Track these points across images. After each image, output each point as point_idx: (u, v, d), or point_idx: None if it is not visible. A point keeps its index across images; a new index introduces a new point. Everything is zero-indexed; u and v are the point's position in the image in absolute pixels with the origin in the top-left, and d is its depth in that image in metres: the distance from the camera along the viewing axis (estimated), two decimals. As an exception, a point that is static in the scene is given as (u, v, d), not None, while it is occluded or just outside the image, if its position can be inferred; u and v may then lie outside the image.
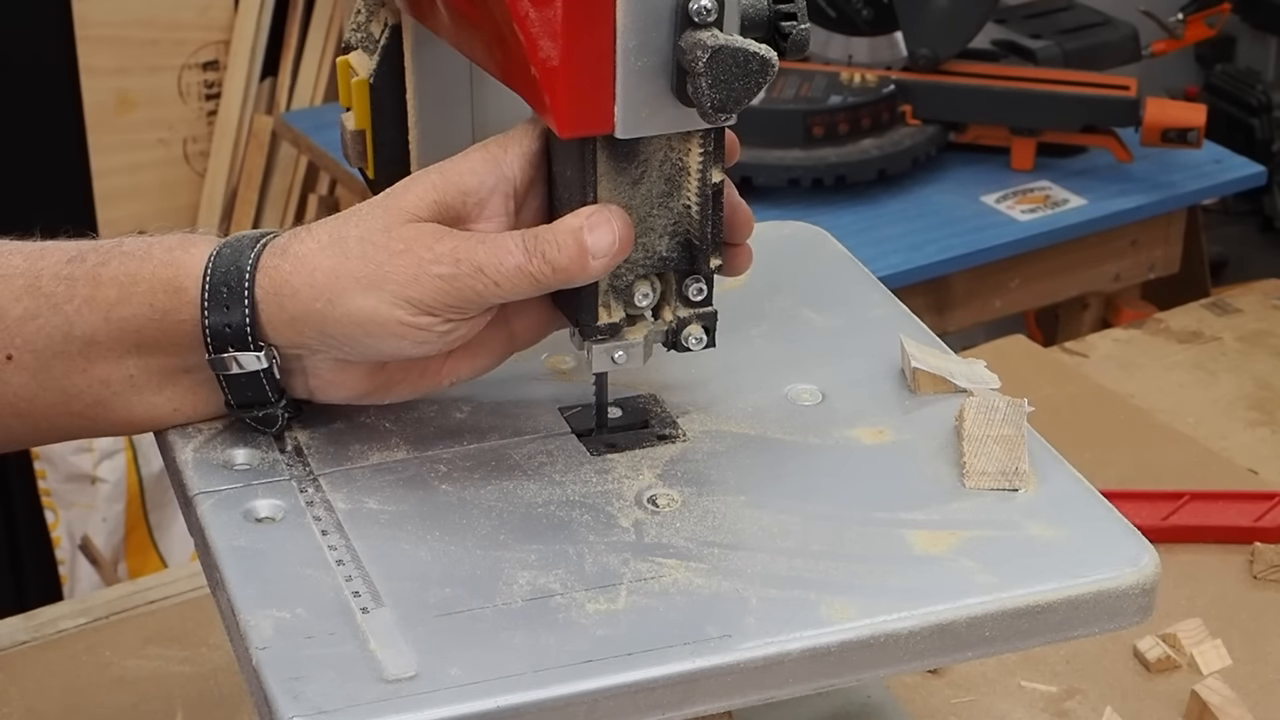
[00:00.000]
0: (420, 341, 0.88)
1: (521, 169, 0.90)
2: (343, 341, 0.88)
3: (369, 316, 0.87)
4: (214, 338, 0.89)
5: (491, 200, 0.89)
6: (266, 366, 0.90)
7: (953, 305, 2.21)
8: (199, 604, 1.27)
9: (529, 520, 0.88)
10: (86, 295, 0.90)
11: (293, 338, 0.89)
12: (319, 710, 0.75)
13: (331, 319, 0.88)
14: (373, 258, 0.87)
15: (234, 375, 0.90)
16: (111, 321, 0.90)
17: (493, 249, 0.87)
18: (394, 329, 0.87)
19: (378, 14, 1.02)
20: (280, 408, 0.92)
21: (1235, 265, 3.62)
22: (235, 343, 0.89)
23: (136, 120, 2.82)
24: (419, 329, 0.87)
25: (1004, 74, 2.33)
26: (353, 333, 0.88)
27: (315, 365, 0.91)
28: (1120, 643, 1.22)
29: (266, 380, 0.90)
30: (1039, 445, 0.94)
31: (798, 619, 0.81)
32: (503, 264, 0.87)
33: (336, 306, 0.87)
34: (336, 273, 0.87)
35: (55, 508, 2.65)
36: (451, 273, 0.86)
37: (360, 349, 0.89)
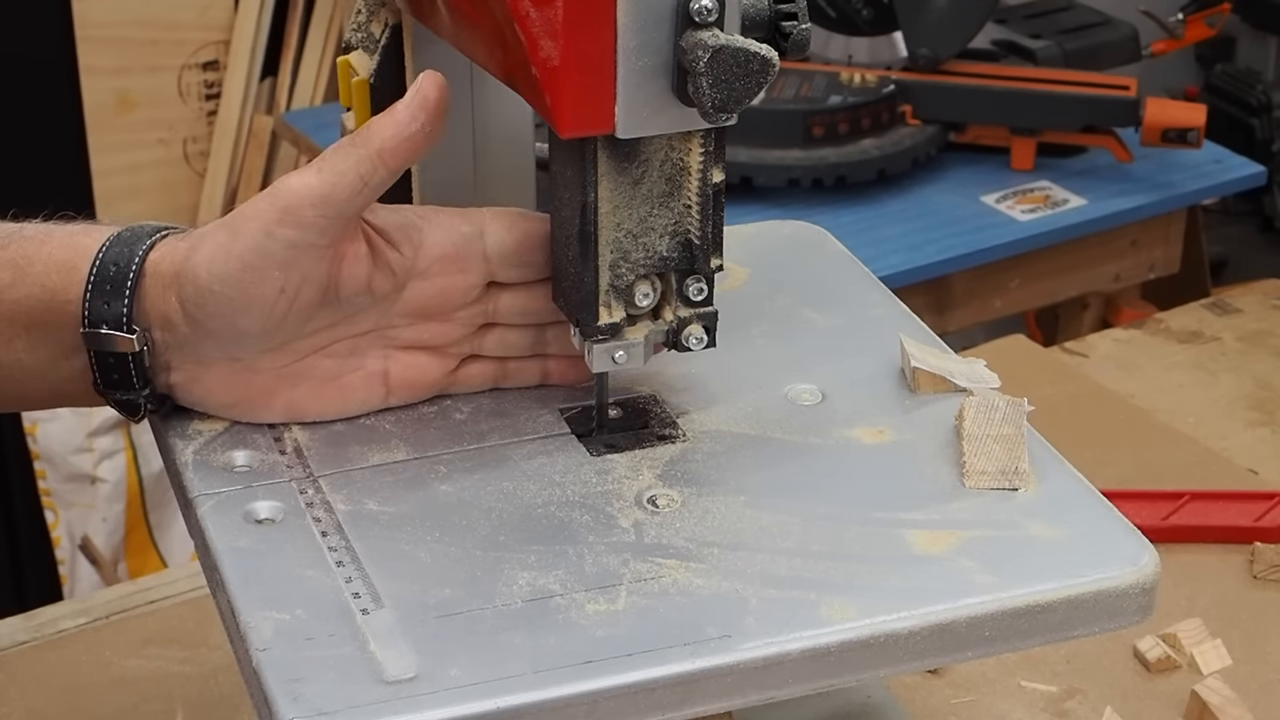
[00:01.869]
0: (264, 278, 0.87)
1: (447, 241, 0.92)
2: (194, 299, 0.88)
3: (218, 252, 0.87)
4: (91, 313, 0.89)
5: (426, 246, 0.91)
6: (137, 351, 0.89)
7: (953, 305, 2.21)
8: (199, 604, 1.27)
9: (529, 521, 0.88)
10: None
11: (163, 310, 0.89)
12: (319, 711, 0.75)
13: (188, 269, 0.88)
14: (243, 210, 0.89)
15: (104, 354, 0.90)
16: (4, 304, 0.90)
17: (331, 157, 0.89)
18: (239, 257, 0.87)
19: (378, 14, 1.02)
20: (143, 396, 0.91)
21: (1235, 265, 3.62)
22: (110, 321, 0.89)
23: (136, 120, 2.82)
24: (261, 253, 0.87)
25: (1004, 74, 2.33)
26: (201, 279, 0.87)
27: (180, 358, 0.91)
28: (1120, 643, 1.22)
29: (134, 365, 0.90)
30: (1039, 445, 0.94)
31: (798, 619, 0.81)
32: (334, 155, 0.89)
33: (194, 253, 0.88)
34: (210, 229, 0.89)
35: (55, 508, 2.65)
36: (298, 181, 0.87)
37: (211, 311, 0.88)
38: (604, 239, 0.88)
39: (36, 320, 0.90)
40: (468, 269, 0.92)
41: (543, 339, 0.95)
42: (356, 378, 0.93)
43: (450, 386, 0.95)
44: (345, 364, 0.93)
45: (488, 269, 0.93)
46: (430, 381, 0.94)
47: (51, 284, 0.90)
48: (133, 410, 0.92)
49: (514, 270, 0.93)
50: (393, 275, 0.91)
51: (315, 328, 0.91)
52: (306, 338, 0.91)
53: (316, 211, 0.88)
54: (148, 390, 0.91)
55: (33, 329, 0.91)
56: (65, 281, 0.90)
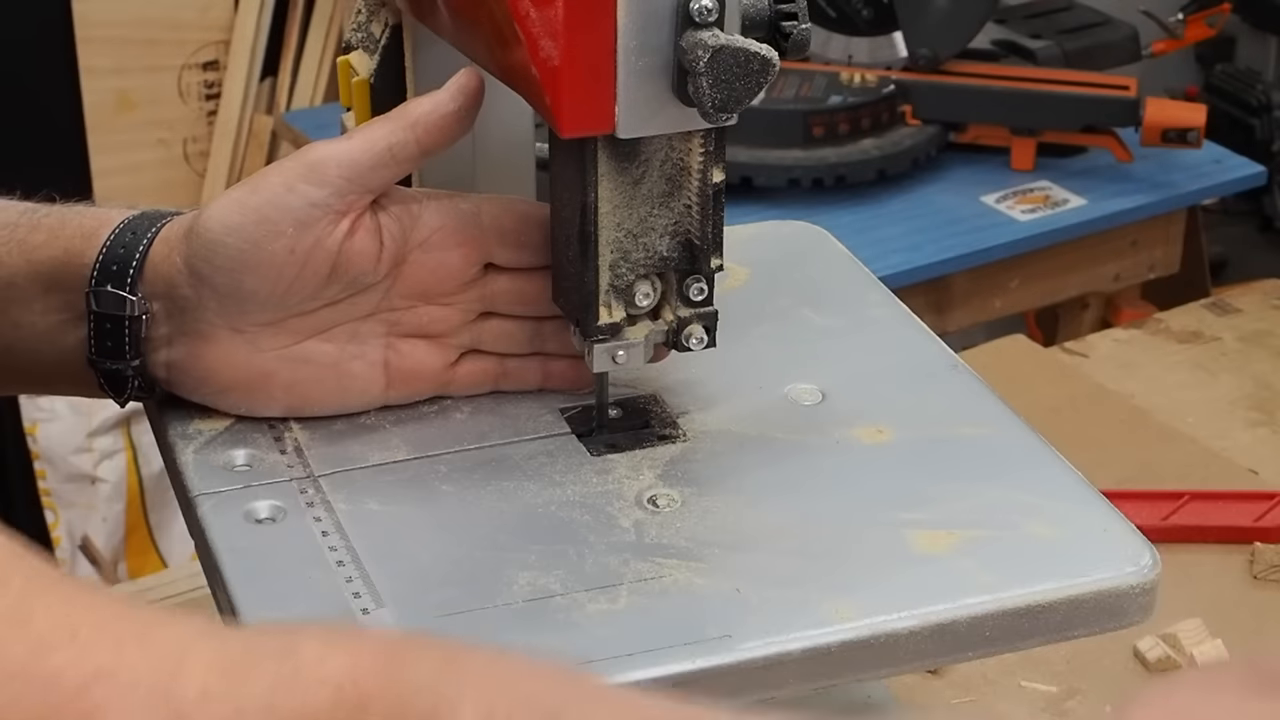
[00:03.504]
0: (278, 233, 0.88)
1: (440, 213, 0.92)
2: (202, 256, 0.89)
3: (232, 208, 0.89)
4: (100, 272, 0.91)
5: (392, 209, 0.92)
6: (135, 315, 0.90)
7: (953, 305, 2.21)
8: (199, 604, 1.27)
9: (529, 521, 0.88)
10: (21, 239, 0.92)
11: (168, 274, 0.90)
12: (319, 710, 0.75)
13: (197, 229, 0.89)
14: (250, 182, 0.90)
15: (103, 317, 0.91)
16: (32, 263, 0.92)
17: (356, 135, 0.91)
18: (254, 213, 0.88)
19: (378, 14, 1.02)
20: (132, 367, 0.92)
21: (1235, 265, 3.62)
22: (115, 280, 0.90)
23: (136, 120, 2.82)
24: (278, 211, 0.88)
25: (1004, 74, 2.33)
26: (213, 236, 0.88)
27: (181, 332, 0.91)
28: (1120, 643, 1.22)
29: (129, 331, 0.91)
30: (1039, 444, 0.94)
31: (798, 619, 0.81)
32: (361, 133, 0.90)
33: (205, 213, 0.89)
34: (223, 194, 0.91)
35: (55, 508, 2.65)
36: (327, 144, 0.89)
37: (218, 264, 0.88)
38: (604, 239, 0.88)
39: (54, 281, 0.92)
40: (465, 243, 0.93)
41: (541, 334, 0.95)
42: (357, 366, 0.93)
43: (449, 384, 0.95)
44: (346, 350, 0.93)
45: (485, 247, 0.93)
46: (430, 373, 0.94)
47: (74, 247, 0.92)
48: (119, 386, 0.92)
49: (511, 252, 0.94)
50: (393, 242, 0.91)
51: (319, 304, 0.91)
52: (309, 315, 0.91)
53: (340, 173, 0.88)
54: (138, 362, 0.91)
55: (50, 290, 0.92)
56: (85, 245, 0.92)
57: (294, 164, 0.89)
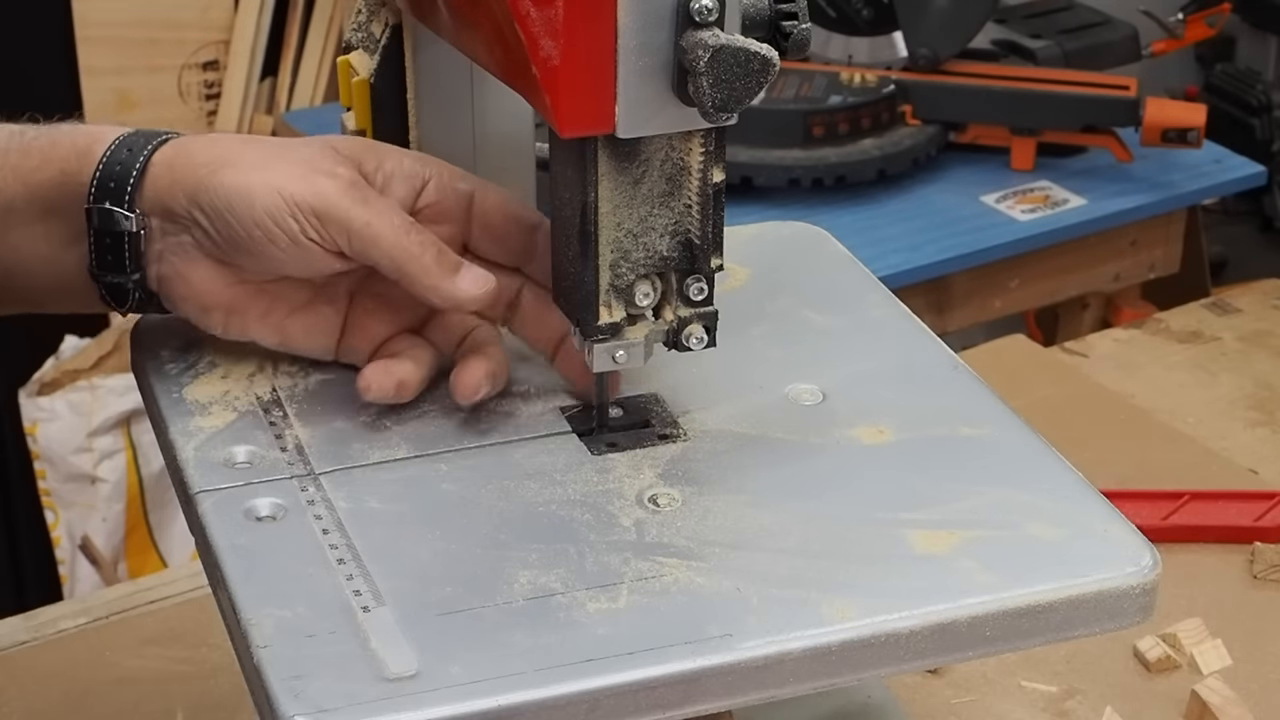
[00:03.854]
0: (271, 240, 0.90)
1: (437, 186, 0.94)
2: (207, 212, 0.90)
3: (239, 195, 0.89)
4: (98, 189, 0.92)
5: (396, 185, 0.93)
6: (134, 231, 0.91)
7: (953, 305, 2.21)
8: (199, 604, 1.27)
9: (530, 519, 0.88)
10: (15, 164, 0.93)
11: (166, 203, 0.91)
12: (320, 709, 0.75)
13: (207, 186, 0.90)
14: (278, 153, 0.91)
15: (103, 232, 0.92)
16: (29, 187, 0.93)
17: (388, 203, 0.91)
18: (255, 215, 0.89)
19: (378, 14, 1.02)
20: (133, 280, 0.93)
21: (1235, 265, 3.62)
22: (114, 198, 0.91)
23: (136, 120, 2.80)
24: (276, 227, 0.89)
25: (1004, 74, 2.33)
26: (218, 204, 0.90)
27: (169, 251, 0.92)
28: (1120, 643, 1.22)
29: (129, 246, 0.92)
30: (1039, 444, 0.94)
31: (798, 618, 0.81)
32: (387, 215, 0.90)
33: (217, 174, 0.90)
34: (235, 151, 0.91)
35: (55, 508, 2.65)
36: (340, 188, 0.90)
37: (217, 227, 0.90)
38: (604, 239, 0.88)
39: (53, 204, 0.93)
40: (451, 223, 0.95)
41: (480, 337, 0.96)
42: (326, 310, 0.95)
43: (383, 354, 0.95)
44: (320, 293, 0.95)
45: (467, 232, 0.95)
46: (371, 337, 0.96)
47: (70, 167, 0.93)
48: (121, 298, 0.94)
49: (490, 245, 0.96)
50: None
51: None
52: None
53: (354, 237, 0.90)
54: (138, 275, 0.93)
55: (50, 214, 0.93)
56: (80, 164, 0.93)
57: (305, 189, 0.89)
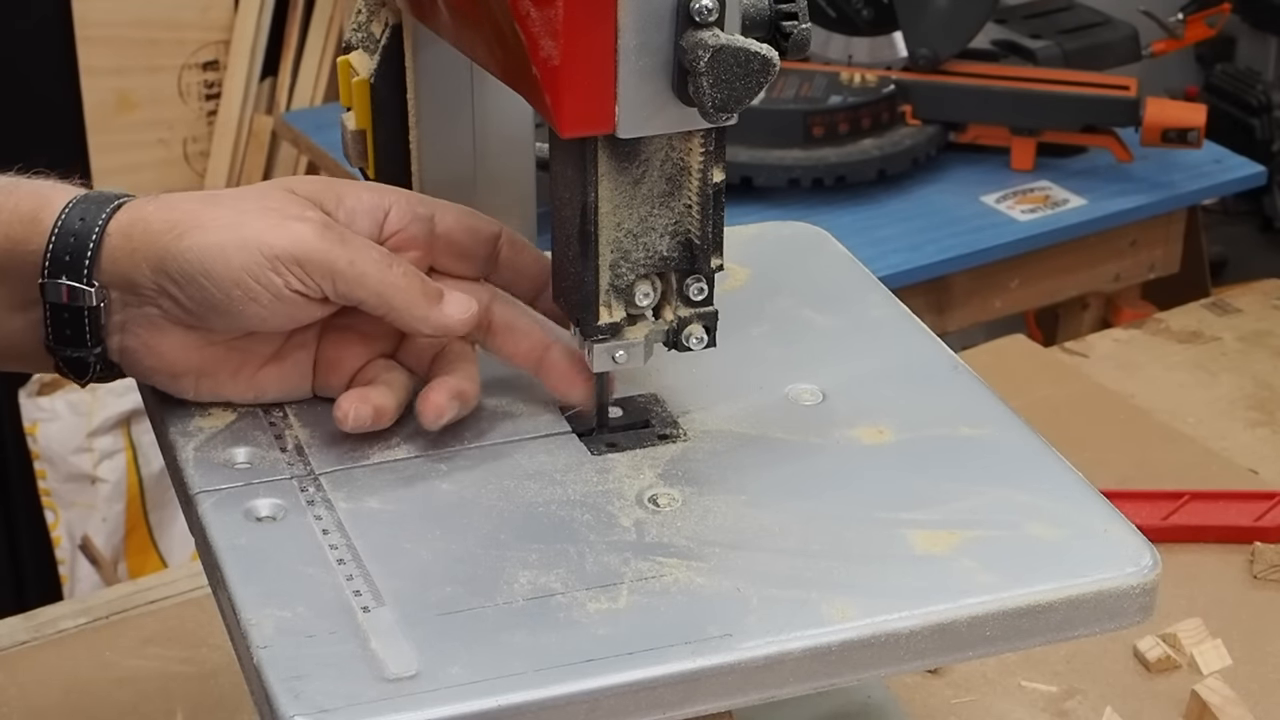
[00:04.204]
0: (252, 298, 0.88)
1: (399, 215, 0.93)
2: (176, 279, 0.88)
3: (214, 255, 0.87)
4: (53, 263, 0.89)
5: (360, 220, 0.92)
6: (93, 305, 0.89)
7: (953, 305, 2.21)
8: (199, 604, 1.27)
9: (530, 519, 0.88)
10: None
11: (129, 275, 0.89)
12: (320, 709, 0.75)
13: (174, 252, 0.87)
14: (239, 207, 0.89)
15: (59, 306, 0.89)
16: None
17: (362, 239, 0.90)
18: (234, 274, 0.87)
19: (378, 14, 1.02)
20: (94, 354, 0.91)
21: (1235, 265, 3.62)
22: (70, 272, 0.89)
23: (136, 120, 2.82)
24: (258, 283, 0.87)
25: (1004, 74, 2.33)
26: (190, 270, 0.87)
27: (134, 322, 0.90)
28: (1120, 643, 1.22)
29: (89, 320, 0.90)
30: (1039, 444, 0.94)
31: (798, 618, 0.81)
32: (367, 251, 0.89)
33: (184, 239, 0.87)
34: (196, 213, 0.88)
35: (55, 508, 2.65)
36: (317, 232, 0.88)
37: (189, 294, 0.88)
38: (604, 239, 0.88)
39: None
40: (417, 248, 0.94)
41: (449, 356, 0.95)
42: (300, 354, 0.94)
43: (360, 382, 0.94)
44: (291, 339, 0.93)
45: (433, 254, 0.94)
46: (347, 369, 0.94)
47: (15, 234, 0.90)
48: (80, 370, 0.92)
49: (455, 262, 0.95)
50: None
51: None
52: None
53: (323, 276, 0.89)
54: (99, 349, 0.91)
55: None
56: (28, 232, 0.90)
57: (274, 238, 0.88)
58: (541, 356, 0.94)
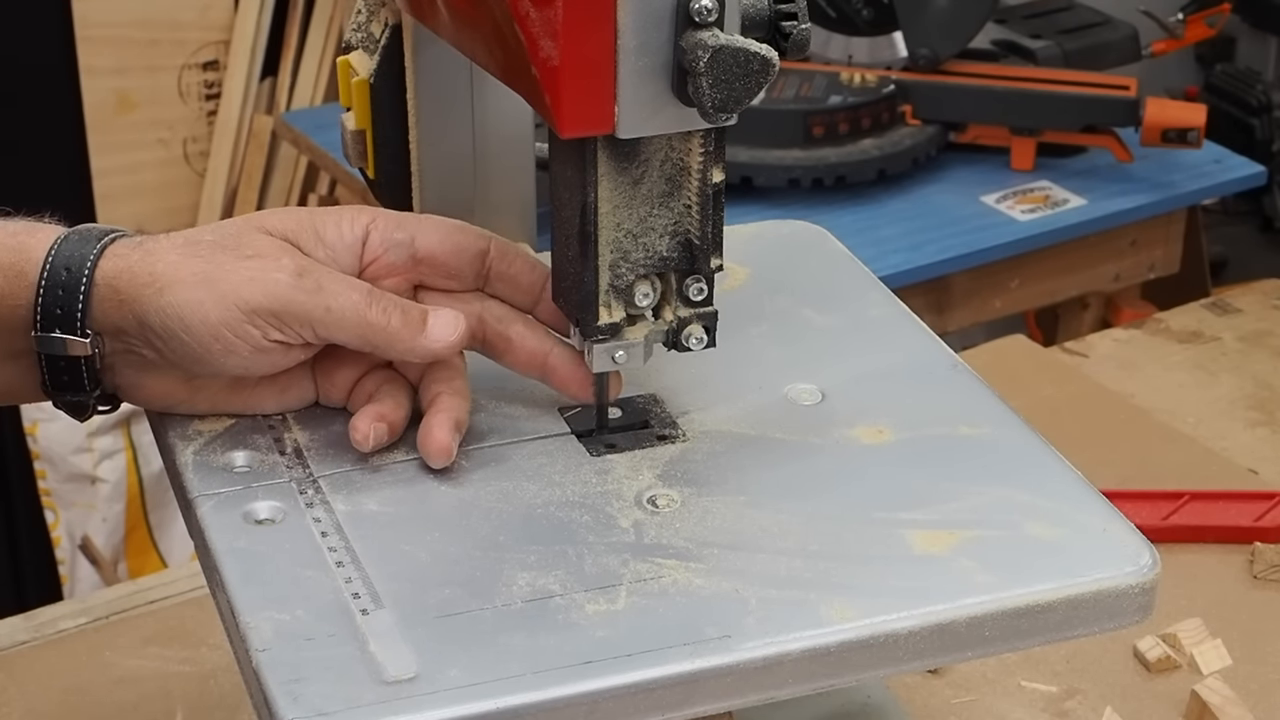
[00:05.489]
0: (231, 351, 0.88)
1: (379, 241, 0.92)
2: (159, 333, 0.88)
3: (192, 311, 0.87)
4: (44, 317, 0.89)
5: (341, 254, 0.92)
6: (89, 355, 0.89)
7: (953, 305, 2.21)
8: (199, 604, 1.27)
9: (529, 521, 0.88)
10: None
11: (117, 323, 0.89)
12: (319, 712, 0.75)
13: (154, 307, 0.88)
14: (217, 259, 0.88)
15: (55, 357, 0.90)
16: None
17: (337, 279, 0.89)
18: (212, 329, 0.87)
19: (378, 14, 1.02)
20: (93, 397, 0.92)
21: (1235, 265, 3.62)
22: (63, 325, 0.89)
23: (136, 120, 2.82)
24: (236, 337, 0.88)
25: (1004, 74, 2.33)
26: (170, 325, 0.88)
27: (122, 363, 0.91)
28: (1120, 643, 1.22)
29: (86, 368, 0.90)
30: (1039, 444, 0.94)
31: (798, 619, 0.81)
32: (343, 294, 0.89)
33: (164, 295, 0.87)
34: (177, 265, 0.88)
35: (55, 508, 2.65)
36: (290, 281, 0.88)
37: (171, 347, 0.89)
38: (604, 239, 0.88)
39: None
40: (397, 274, 0.93)
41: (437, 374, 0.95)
42: (296, 371, 0.93)
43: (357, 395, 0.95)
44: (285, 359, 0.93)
45: (416, 275, 0.94)
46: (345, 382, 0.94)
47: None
48: (79, 410, 0.93)
49: (441, 280, 0.94)
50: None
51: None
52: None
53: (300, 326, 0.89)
54: (98, 391, 0.91)
55: None
56: (12, 286, 0.89)
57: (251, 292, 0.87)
58: (544, 363, 0.94)
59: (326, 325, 0.88)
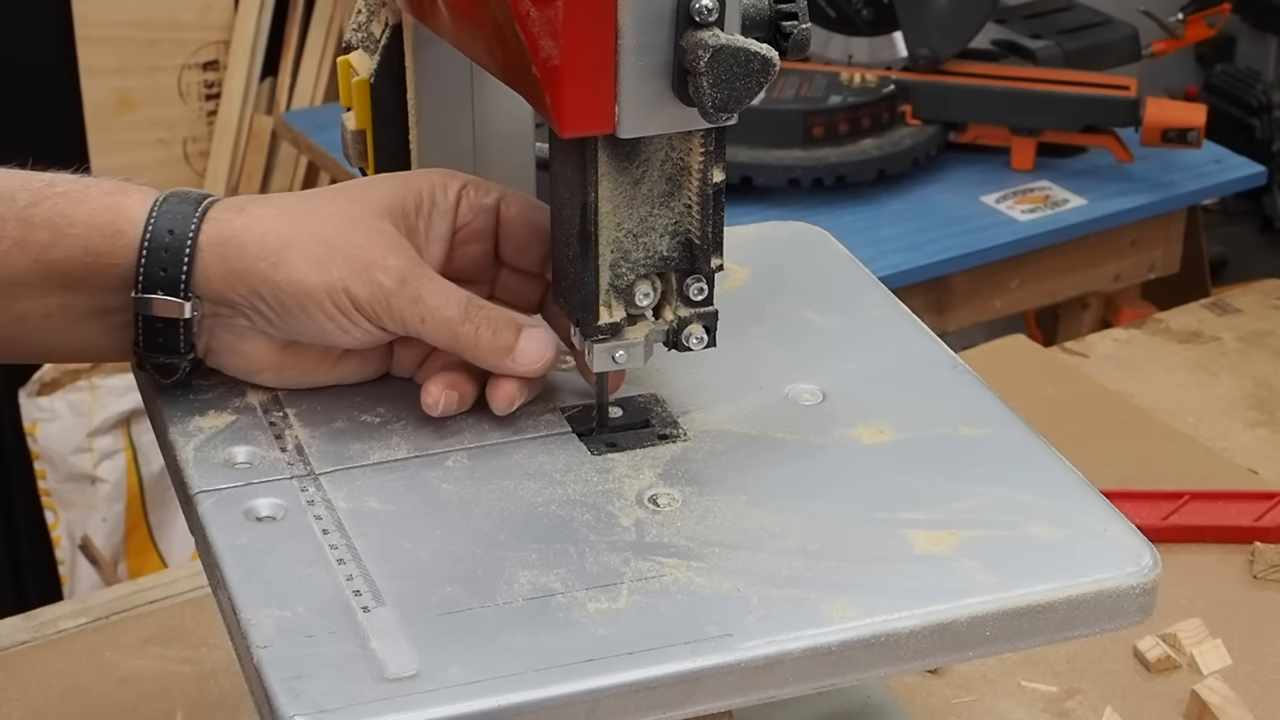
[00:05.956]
0: (344, 330, 0.90)
1: (468, 207, 0.94)
2: (272, 307, 0.90)
3: (309, 290, 0.89)
4: (146, 278, 0.89)
5: (437, 222, 0.94)
6: (188, 318, 0.90)
7: (953, 305, 2.21)
8: (199, 604, 1.27)
9: (530, 519, 0.88)
10: (16, 237, 0.89)
11: (223, 292, 0.90)
12: (320, 709, 0.75)
13: (272, 281, 0.89)
14: (329, 239, 0.90)
15: (152, 318, 0.90)
16: (41, 264, 0.89)
17: (437, 290, 0.91)
18: (328, 310, 0.89)
19: (378, 13, 1.02)
20: (186, 359, 0.92)
21: (1235, 265, 3.62)
22: (166, 286, 0.89)
23: (136, 120, 2.82)
24: (347, 318, 0.90)
25: (1004, 74, 2.33)
26: (287, 301, 0.89)
27: (220, 328, 0.92)
28: (1120, 643, 1.22)
29: (183, 331, 0.91)
30: (1039, 444, 0.94)
31: (798, 618, 0.81)
32: (438, 308, 0.90)
33: (280, 270, 0.89)
34: (289, 240, 0.89)
35: (55, 508, 2.65)
36: (392, 288, 0.89)
37: (284, 320, 0.90)
38: (604, 239, 0.88)
39: (75, 279, 0.90)
40: (484, 240, 0.95)
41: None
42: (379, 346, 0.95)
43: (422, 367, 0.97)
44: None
45: (495, 245, 0.96)
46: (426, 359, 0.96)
47: (95, 246, 0.89)
48: (169, 372, 0.93)
49: (516, 256, 0.96)
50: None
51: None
52: None
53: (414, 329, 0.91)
54: (191, 354, 0.92)
55: (70, 287, 0.90)
56: (110, 245, 0.90)
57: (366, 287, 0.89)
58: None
59: (420, 332, 0.91)
